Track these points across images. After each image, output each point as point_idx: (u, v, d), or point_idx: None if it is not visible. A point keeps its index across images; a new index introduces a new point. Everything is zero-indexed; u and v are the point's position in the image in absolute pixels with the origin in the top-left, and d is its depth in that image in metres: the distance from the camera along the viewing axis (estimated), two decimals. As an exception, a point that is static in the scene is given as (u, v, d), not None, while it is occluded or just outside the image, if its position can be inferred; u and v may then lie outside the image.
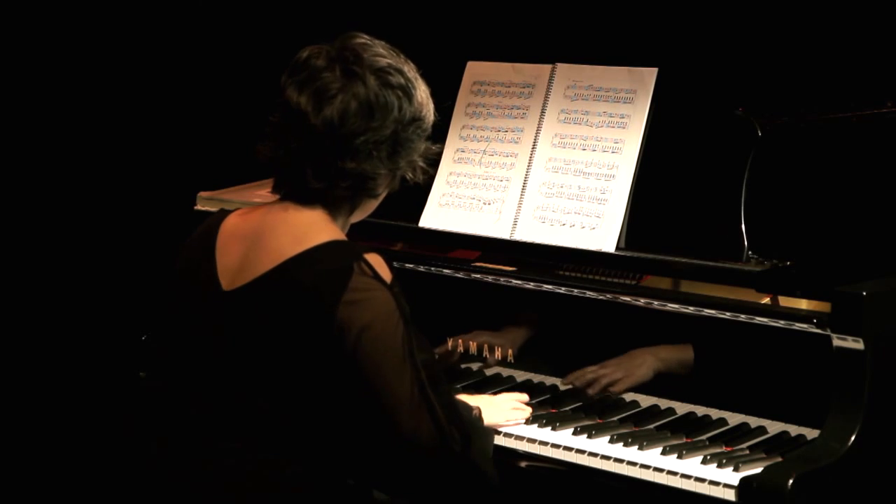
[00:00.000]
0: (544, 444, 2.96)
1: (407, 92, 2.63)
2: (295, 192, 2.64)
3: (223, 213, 2.73)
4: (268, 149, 2.64)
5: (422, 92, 2.68)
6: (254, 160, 2.68)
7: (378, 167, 2.62)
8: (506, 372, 3.28)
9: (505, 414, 3.03)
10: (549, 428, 3.00)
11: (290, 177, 2.64)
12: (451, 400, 2.66)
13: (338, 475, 2.62)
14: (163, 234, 3.59)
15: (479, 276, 3.26)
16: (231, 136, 3.93)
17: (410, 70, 2.67)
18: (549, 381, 3.21)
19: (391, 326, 2.53)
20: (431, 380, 2.58)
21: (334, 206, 2.65)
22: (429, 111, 2.69)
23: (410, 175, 2.71)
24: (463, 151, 3.38)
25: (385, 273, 2.56)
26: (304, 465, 2.58)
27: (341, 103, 2.58)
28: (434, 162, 2.77)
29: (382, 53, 2.64)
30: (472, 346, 3.31)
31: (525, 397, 3.11)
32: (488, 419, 2.93)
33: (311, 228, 2.60)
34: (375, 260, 2.56)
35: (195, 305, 2.66)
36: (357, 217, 2.72)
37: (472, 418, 2.78)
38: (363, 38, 2.66)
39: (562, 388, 3.19)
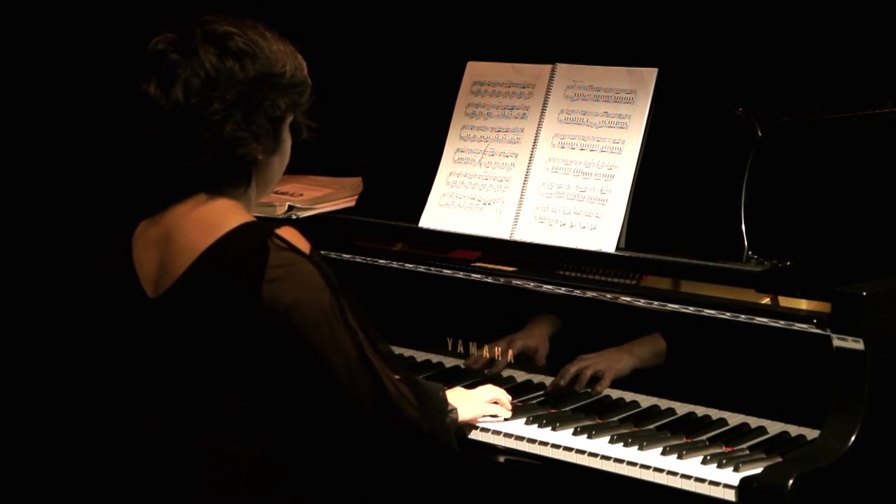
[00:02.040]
0: (544, 444, 2.96)
1: (248, 53, 2.61)
2: (185, 187, 2.65)
3: (131, 229, 2.74)
4: (140, 151, 2.67)
5: (274, 50, 2.65)
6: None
7: (237, 131, 2.60)
8: (506, 372, 3.27)
9: (481, 407, 3.02)
10: (549, 428, 3.00)
11: (169, 170, 2.66)
12: (391, 357, 2.67)
13: (305, 458, 2.64)
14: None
15: (479, 276, 3.26)
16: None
17: (257, 33, 2.65)
18: (550, 381, 3.21)
19: (318, 296, 2.54)
20: (370, 342, 2.60)
21: (227, 187, 2.65)
22: (286, 67, 2.65)
23: (304, 135, 2.71)
24: (463, 151, 3.38)
25: (302, 244, 2.57)
26: (271, 454, 2.59)
27: (184, 81, 2.58)
28: (314, 116, 2.75)
29: (222, 23, 2.64)
30: (473, 347, 3.31)
31: (505, 394, 3.09)
32: (464, 410, 2.94)
33: (216, 216, 2.61)
34: (289, 233, 2.57)
35: (127, 322, 2.68)
36: (262, 192, 2.72)
37: (431, 388, 2.81)
38: (208, 16, 2.67)
39: (562, 388, 3.19)
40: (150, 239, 2.68)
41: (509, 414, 3.05)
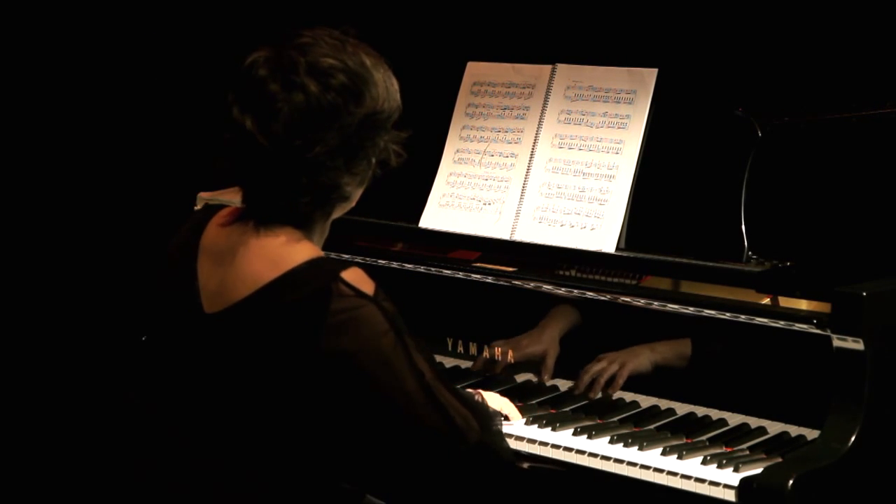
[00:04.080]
0: (544, 444, 2.96)
1: (353, 91, 2.49)
2: (261, 211, 2.55)
3: (202, 221, 2.65)
4: (226, 163, 2.55)
5: (378, 83, 2.53)
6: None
7: (338, 177, 2.52)
8: (506, 372, 3.27)
9: (495, 405, 3.00)
10: (550, 428, 3.00)
11: (251, 195, 2.56)
12: (457, 391, 2.62)
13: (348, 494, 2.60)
14: (162, 235, 3.59)
15: (479, 276, 3.26)
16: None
17: (358, 62, 2.52)
18: (550, 381, 3.21)
19: (380, 340, 2.47)
20: (436, 378, 2.54)
21: (304, 220, 2.56)
22: (389, 101, 2.56)
23: (394, 160, 2.61)
24: (463, 152, 3.38)
25: (366, 286, 2.48)
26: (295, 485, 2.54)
27: (284, 118, 2.46)
28: (408, 146, 2.64)
29: (325, 52, 2.50)
30: (473, 347, 3.31)
31: (510, 403, 3.07)
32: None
33: (285, 250, 2.51)
34: (354, 275, 2.48)
35: (179, 324, 2.61)
36: (337, 215, 2.64)
37: (478, 403, 2.76)
38: (306, 37, 2.53)
39: (562, 388, 3.19)
40: (217, 252, 2.58)
41: (519, 419, 3.05)
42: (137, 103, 4.58)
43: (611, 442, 2.91)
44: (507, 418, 3.02)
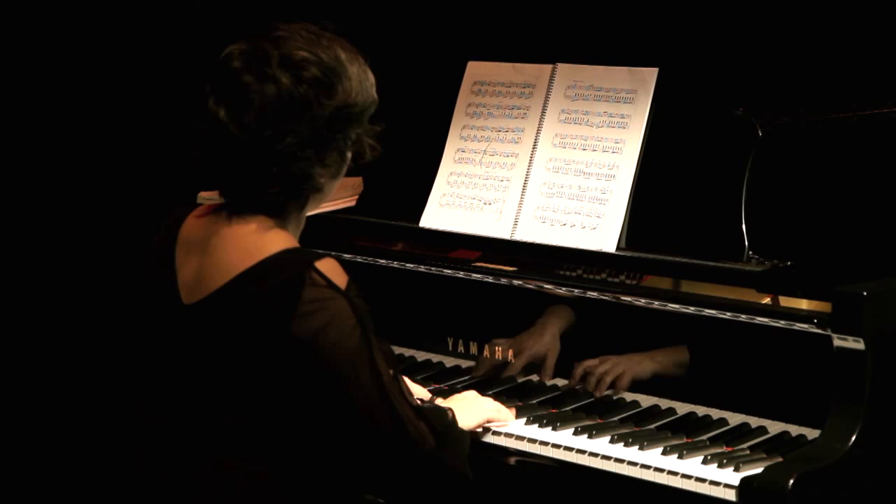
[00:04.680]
0: (545, 444, 2.96)
1: (325, 83, 2.52)
2: (234, 201, 2.60)
3: (182, 216, 2.68)
4: (200, 156, 2.59)
5: (351, 76, 2.56)
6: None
7: (308, 167, 2.55)
8: (506, 372, 3.27)
9: (484, 414, 3.00)
10: (550, 428, 3.00)
11: (223, 184, 2.61)
12: (416, 404, 2.64)
13: (316, 481, 2.62)
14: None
15: (479, 276, 3.26)
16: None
17: (333, 56, 2.55)
18: (550, 381, 3.21)
19: (347, 335, 2.50)
20: (395, 384, 2.57)
21: (278, 210, 2.59)
22: (362, 94, 2.58)
23: (368, 154, 2.63)
24: (463, 151, 3.38)
25: (339, 279, 2.52)
26: (276, 472, 2.57)
27: (256, 109, 2.50)
28: (381, 139, 2.66)
29: (299, 45, 2.54)
30: (473, 347, 3.31)
31: (504, 408, 3.06)
32: (466, 421, 2.90)
33: (260, 239, 2.55)
34: (328, 266, 2.51)
35: (160, 317, 2.65)
36: (312, 209, 2.67)
37: (447, 421, 2.76)
38: (282, 31, 2.57)
39: (562, 388, 3.19)
40: (194, 242, 2.62)
41: (513, 420, 3.04)
42: (138, 103, 4.58)
43: (611, 441, 2.91)
44: (489, 430, 3.02)
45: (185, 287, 2.60)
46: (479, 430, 3.01)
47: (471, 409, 2.98)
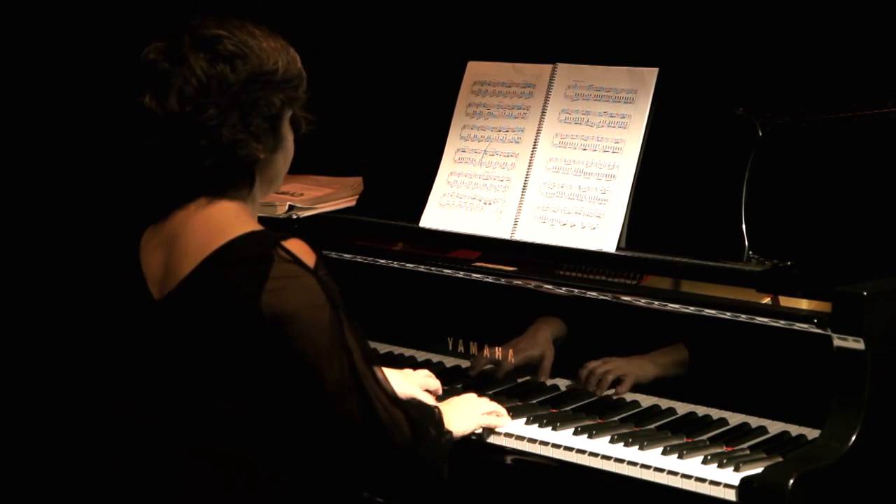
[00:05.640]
0: (545, 444, 2.96)
1: (238, 54, 2.60)
2: (188, 191, 2.66)
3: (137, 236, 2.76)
4: (135, 151, 2.68)
5: (265, 47, 2.63)
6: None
7: (235, 134, 2.60)
8: (507, 372, 3.27)
9: (477, 418, 2.99)
10: (550, 428, 3.00)
11: (172, 176, 2.66)
12: (394, 395, 2.66)
13: (298, 466, 2.64)
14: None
15: (479, 276, 3.26)
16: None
17: (246, 31, 2.63)
18: (550, 381, 3.21)
19: (317, 311, 2.53)
20: (366, 364, 2.59)
21: (231, 189, 2.65)
22: (278, 63, 2.63)
23: (304, 128, 2.71)
24: (464, 151, 3.38)
25: (307, 257, 2.56)
26: (263, 458, 2.59)
27: (178, 90, 2.58)
28: (312, 109, 2.74)
29: (210, 26, 2.63)
30: (473, 347, 3.31)
31: (502, 408, 3.06)
32: (458, 423, 2.90)
33: (221, 221, 2.61)
34: (295, 245, 2.56)
35: (132, 322, 2.70)
36: (268, 189, 2.72)
37: (431, 417, 2.78)
38: (195, 21, 2.66)
39: (562, 388, 3.19)
40: (156, 242, 2.68)
41: (508, 423, 3.04)
42: (138, 103, 4.57)
43: (611, 441, 2.91)
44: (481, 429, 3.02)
45: (155, 282, 2.65)
46: (480, 430, 3.01)
47: (465, 413, 2.98)
